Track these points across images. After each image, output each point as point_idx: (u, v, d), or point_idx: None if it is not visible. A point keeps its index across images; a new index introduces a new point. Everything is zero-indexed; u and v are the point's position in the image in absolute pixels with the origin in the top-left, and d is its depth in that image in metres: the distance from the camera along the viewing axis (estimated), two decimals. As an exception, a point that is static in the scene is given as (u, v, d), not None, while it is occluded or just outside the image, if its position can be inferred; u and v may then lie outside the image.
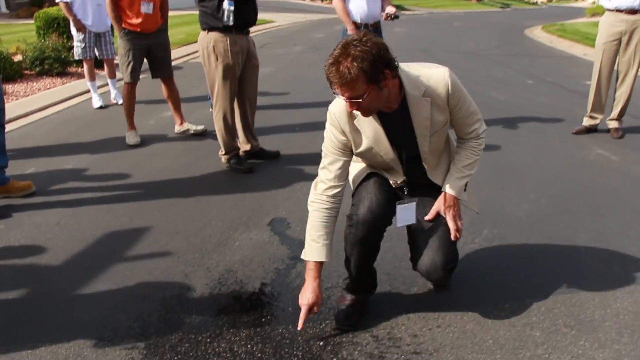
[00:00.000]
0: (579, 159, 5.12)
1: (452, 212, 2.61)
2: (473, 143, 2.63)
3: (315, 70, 9.37)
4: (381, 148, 2.54)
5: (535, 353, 2.52)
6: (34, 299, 2.93)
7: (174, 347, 2.56)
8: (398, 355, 2.51)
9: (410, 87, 2.41)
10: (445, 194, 2.62)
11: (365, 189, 2.64)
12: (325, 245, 2.56)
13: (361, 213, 2.55)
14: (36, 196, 4.22)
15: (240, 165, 4.81)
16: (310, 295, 2.53)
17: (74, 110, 6.85)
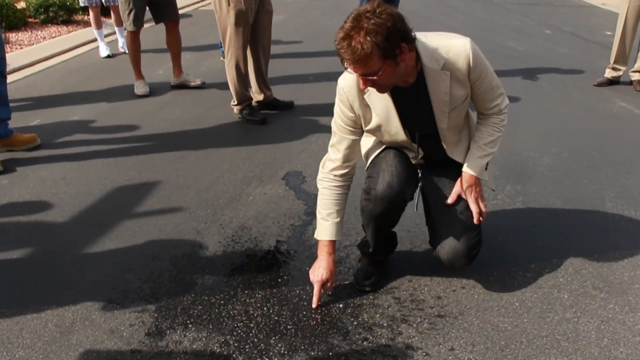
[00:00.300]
0: (601, 112, 4.86)
1: (474, 194, 2.39)
2: (495, 119, 2.41)
3: (329, 17, 9.04)
4: (391, 127, 2.32)
5: (564, 317, 2.36)
6: (39, 258, 2.79)
7: (186, 309, 2.42)
8: (421, 319, 2.35)
9: (428, 59, 2.17)
10: (466, 175, 2.40)
11: (384, 161, 2.42)
12: (335, 224, 2.41)
13: (380, 189, 2.33)
14: (41, 149, 4.05)
15: (253, 116, 4.61)
16: (323, 271, 2.39)
17: (80, 60, 6.62)
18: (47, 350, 2.19)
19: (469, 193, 2.38)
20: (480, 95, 2.32)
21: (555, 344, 2.20)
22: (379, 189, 2.32)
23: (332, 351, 2.18)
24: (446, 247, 2.41)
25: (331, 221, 2.39)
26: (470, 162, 2.40)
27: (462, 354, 2.16)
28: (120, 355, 2.16)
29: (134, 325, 2.32)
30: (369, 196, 2.36)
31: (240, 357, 2.15)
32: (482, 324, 2.31)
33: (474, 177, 2.38)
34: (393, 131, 2.32)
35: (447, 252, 2.41)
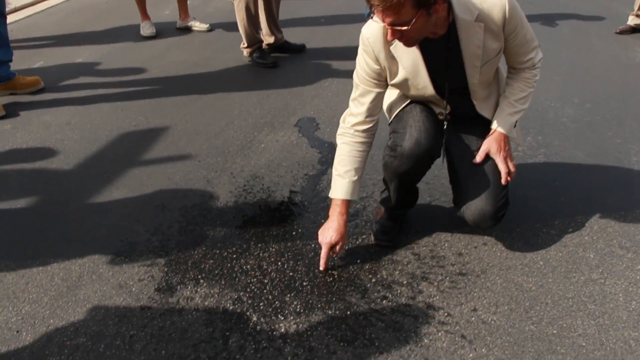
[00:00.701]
0: (624, 61, 4.63)
1: (502, 153, 2.23)
2: (527, 74, 2.24)
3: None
4: (419, 81, 2.15)
5: (590, 277, 2.26)
6: (43, 208, 2.70)
7: (197, 263, 2.33)
8: (442, 277, 2.26)
9: (461, 10, 1.98)
10: (495, 133, 2.25)
11: (411, 116, 2.25)
12: (352, 182, 2.22)
13: (407, 146, 2.16)
14: (45, 93, 3.90)
15: (264, 60, 4.42)
16: (333, 233, 2.22)
17: None
18: (53, 306, 2.11)
19: (497, 152, 2.23)
20: (514, 49, 2.15)
21: (581, 306, 2.11)
22: (406, 146, 2.16)
23: (350, 310, 2.09)
24: (472, 208, 2.27)
25: (348, 179, 2.21)
26: (500, 119, 2.25)
27: (485, 314, 2.07)
28: (129, 312, 2.08)
29: (143, 280, 2.24)
30: (394, 153, 2.21)
31: (254, 315, 2.07)
32: (506, 283, 2.22)
33: (503, 135, 2.24)
34: (421, 85, 2.16)
35: (472, 213, 2.27)
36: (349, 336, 1.98)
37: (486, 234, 2.49)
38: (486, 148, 2.24)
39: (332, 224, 2.24)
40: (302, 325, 2.02)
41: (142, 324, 2.03)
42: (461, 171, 2.31)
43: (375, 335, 1.98)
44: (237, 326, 2.02)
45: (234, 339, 1.97)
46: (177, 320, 2.05)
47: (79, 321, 2.04)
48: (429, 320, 2.04)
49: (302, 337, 1.98)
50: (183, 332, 2.00)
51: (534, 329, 2.01)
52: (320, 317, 2.06)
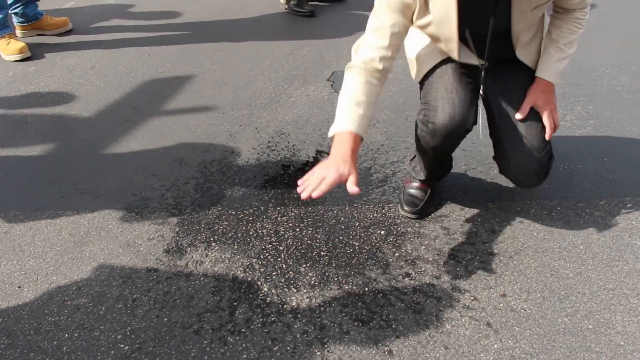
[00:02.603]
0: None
1: (549, 105, 1.99)
2: (579, 13, 1.97)
3: None
4: (443, 30, 1.88)
5: (635, 268, 2.04)
6: (59, 156, 2.60)
7: (210, 224, 2.20)
8: (472, 256, 2.08)
9: None
10: (541, 83, 2.00)
11: (442, 84, 1.99)
12: (361, 116, 1.79)
13: (440, 122, 1.94)
14: (72, 34, 3.78)
15: (301, 8, 4.20)
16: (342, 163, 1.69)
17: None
18: (58, 262, 2.02)
19: (544, 104, 1.99)
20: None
21: (622, 300, 1.91)
22: (439, 122, 1.94)
23: (368, 286, 1.94)
24: (514, 166, 2.04)
25: (356, 113, 1.79)
26: (548, 67, 2.00)
27: (515, 302, 1.89)
28: (134, 274, 1.98)
29: (152, 239, 2.12)
30: (426, 129, 1.99)
31: (265, 285, 1.94)
32: (540, 268, 2.03)
33: (551, 85, 2.00)
34: (446, 34, 1.89)
35: (515, 170, 2.05)
36: (364, 315, 1.83)
37: (523, 210, 2.29)
38: (532, 100, 1.99)
39: (338, 155, 1.72)
40: (315, 300, 1.89)
41: (147, 288, 1.92)
42: (501, 125, 2.06)
43: (393, 316, 1.83)
44: (245, 296, 1.90)
45: (241, 310, 1.85)
46: (183, 285, 1.93)
47: (82, 280, 1.95)
48: (453, 304, 1.88)
49: (314, 313, 1.84)
50: (188, 299, 1.88)
51: (567, 322, 1.83)
52: (336, 292, 1.92)
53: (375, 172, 2.52)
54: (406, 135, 2.75)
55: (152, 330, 1.79)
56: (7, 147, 2.64)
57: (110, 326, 1.80)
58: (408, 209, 2.26)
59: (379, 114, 2.93)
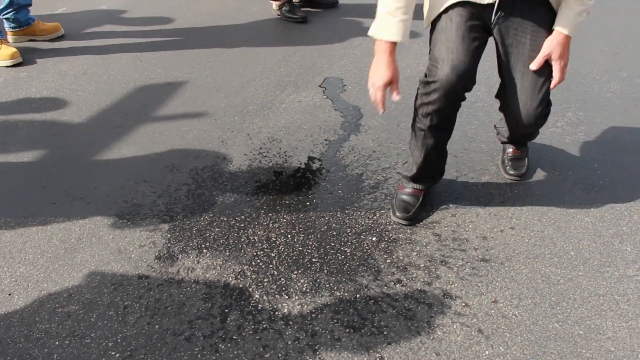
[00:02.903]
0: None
1: (563, 61, 2.03)
2: None
3: None
4: None
5: (625, 273, 2.06)
6: (50, 162, 2.59)
7: (202, 231, 2.20)
8: (463, 262, 2.09)
9: None
10: (559, 36, 2.00)
11: (445, 43, 2.00)
12: (403, 21, 1.92)
13: (442, 77, 1.96)
14: (64, 40, 3.77)
15: (293, 14, 4.21)
16: (386, 71, 1.96)
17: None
18: (49, 269, 2.01)
19: (559, 58, 2.02)
20: None
21: (613, 306, 1.92)
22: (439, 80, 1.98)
23: (360, 292, 1.94)
24: (515, 103, 2.10)
25: (399, 18, 1.91)
26: (567, 20, 2.00)
27: (506, 308, 1.90)
28: (126, 280, 1.97)
29: (143, 246, 2.12)
30: (427, 89, 2.04)
31: (257, 292, 1.94)
32: (532, 274, 2.04)
33: (568, 38, 2.01)
34: None
35: (514, 108, 2.11)
36: (356, 322, 1.84)
37: (514, 217, 2.30)
38: (548, 53, 2.01)
39: (381, 62, 1.98)
40: (306, 307, 1.89)
41: (138, 295, 1.92)
42: (508, 64, 2.10)
43: (384, 323, 1.84)
44: (237, 303, 1.89)
45: (232, 317, 1.84)
46: (174, 292, 1.93)
47: (73, 287, 1.94)
48: (445, 310, 1.88)
49: (306, 320, 1.84)
50: (180, 306, 1.88)
51: (558, 328, 1.84)
52: (327, 299, 1.92)
53: (366, 178, 2.52)
54: (398, 141, 2.76)
55: (144, 338, 1.78)
56: (-3, 153, 2.64)
57: (101, 333, 1.79)
58: (400, 214, 2.26)
59: (370, 120, 2.94)
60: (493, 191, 2.45)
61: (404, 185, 2.36)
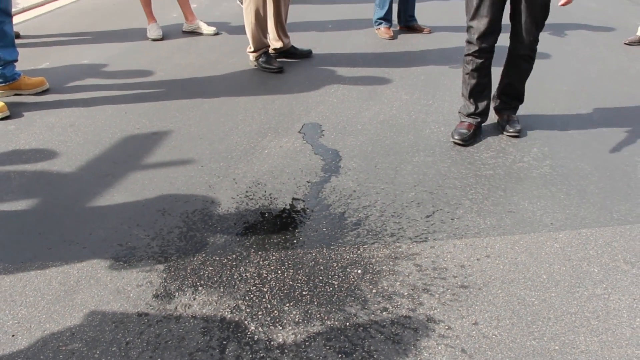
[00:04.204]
0: (633, 73, 4.60)
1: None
2: None
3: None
4: None
5: (594, 292, 2.23)
6: (44, 209, 2.68)
7: (196, 270, 2.31)
8: (444, 289, 2.23)
9: None
10: None
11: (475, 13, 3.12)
12: None
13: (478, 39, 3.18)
14: (50, 94, 3.90)
15: (270, 64, 4.41)
16: None
17: (92, 1, 6.39)
18: (50, 310, 2.09)
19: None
20: None
21: (584, 322, 2.08)
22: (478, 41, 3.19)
23: (349, 321, 2.06)
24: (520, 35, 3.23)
25: None
26: None
27: (486, 329, 2.04)
28: (126, 318, 2.06)
29: (141, 285, 2.22)
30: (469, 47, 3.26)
31: (252, 324, 2.04)
32: (508, 297, 2.19)
33: None
34: None
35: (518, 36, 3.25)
36: (347, 348, 1.95)
37: (489, 246, 2.46)
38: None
39: None
40: (300, 336, 2.00)
41: (139, 331, 2.01)
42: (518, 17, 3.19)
43: (374, 347, 1.96)
44: (234, 335, 2.00)
45: (230, 348, 1.94)
46: (174, 327, 2.03)
47: (75, 326, 2.02)
48: (429, 334, 2.01)
49: (300, 348, 1.95)
50: (180, 340, 1.97)
51: (535, 345, 1.98)
52: (319, 328, 2.03)
53: (349, 216, 2.66)
54: (376, 181, 2.92)
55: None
56: (-8, 203, 2.73)
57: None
58: (458, 137, 3.32)
59: (349, 162, 3.10)
60: (468, 223, 2.61)
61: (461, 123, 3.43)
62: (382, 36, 5.23)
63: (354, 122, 3.56)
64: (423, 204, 2.73)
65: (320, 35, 5.26)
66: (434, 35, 5.34)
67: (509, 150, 3.26)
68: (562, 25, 5.81)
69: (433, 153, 3.14)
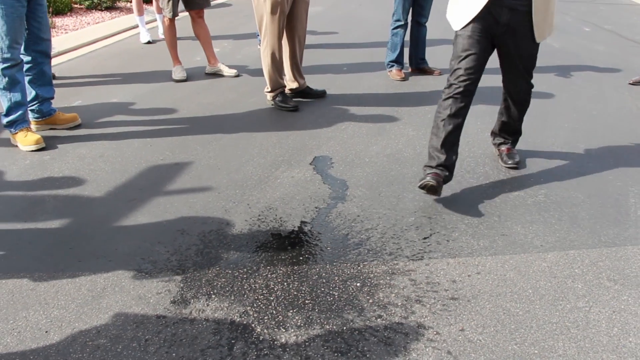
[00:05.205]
0: (634, 111, 4.82)
1: None
2: None
3: (366, 10, 9.08)
4: None
5: (576, 305, 2.41)
6: (75, 228, 2.95)
7: (210, 281, 2.54)
8: (435, 300, 2.43)
9: None
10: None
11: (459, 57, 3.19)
12: None
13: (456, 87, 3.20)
14: (81, 128, 4.23)
15: (286, 103, 4.71)
16: None
17: (121, 45, 6.83)
18: (79, 312, 2.33)
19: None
20: None
21: (564, 330, 2.26)
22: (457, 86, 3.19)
23: (346, 326, 2.27)
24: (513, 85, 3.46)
25: None
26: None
27: (472, 334, 2.23)
28: (146, 320, 2.29)
29: (160, 293, 2.45)
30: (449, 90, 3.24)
31: (258, 326, 2.26)
32: (494, 308, 2.38)
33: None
34: None
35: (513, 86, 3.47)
36: (343, 348, 2.15)
37: (480, 264, 2.66)
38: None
39: None
40: (301, 337, 2.21)
41: (157, 330, 2.23)
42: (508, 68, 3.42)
43: (367, 348, 2.16)
44: (242, 335, 2.21)
45: (238, 346, 2.16)
46: (188, 328, 2.25)
47: (101, 325, 2.26)
48: (419, 337, 2.21)
49: (300, 347, 2.16)
50: (193, 338, 2.20)
51: (516, 349, 2.16)
52: (318, 331, 2.24)
53: (351, 237, 2.89)
54: (379, 207, 3.15)
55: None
56: (28, 222, 3.00)
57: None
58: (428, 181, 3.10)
59: (355, 191, 3.34)
60: (462, 244, 2.82)
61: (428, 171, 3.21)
62: (394, 78, 5.52)
63: (362, 156, 3.81)
64: (421, 227, 2.95)
65: (335, 77, 5.57)
66: (444, 77, 5.60)
67: (507, 180, 3.48)
68: (569, 67, 6.07)
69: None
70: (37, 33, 3.90)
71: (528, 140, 3.96)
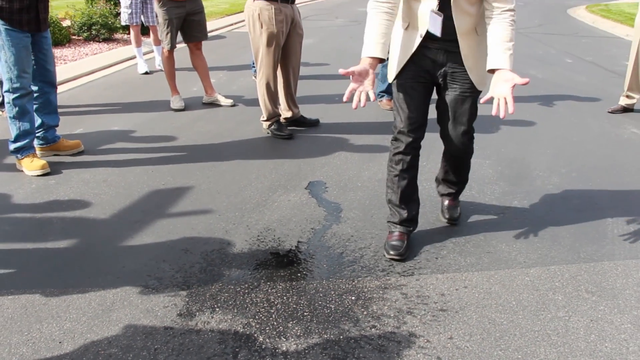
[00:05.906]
0: (613, 137, 5.06)
1: (512, 91, 2.50)
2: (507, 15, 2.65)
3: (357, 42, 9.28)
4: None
5: (556, 315, 2.58)
6: (83, 248, 3.10)
7: (214, 296, 2.69)
8: (425, 312, 2.59)
9: None
10: (503, 72, 2.57)
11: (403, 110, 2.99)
12: (382, 44, 2.68)
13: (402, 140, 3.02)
14: (85, 155, 4.40)
15: (281, 132, 4.91)
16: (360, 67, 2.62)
17: (120, 75, 7.05)
18: (90, 324, 2.48)
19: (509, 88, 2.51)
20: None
21: (545, 337, 2.43)
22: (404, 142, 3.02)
23: (342, 335, 2.43)
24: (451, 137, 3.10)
25: (380, 42, 2.67)
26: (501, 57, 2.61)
27: (460, 342, 2.39)
28: (154, 331, 2.44)
29: (167, 306, 2.60)
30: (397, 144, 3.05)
31: (260, 336, 2.41)
32: (481, 319, 2.55)
33: (508, 72, 2.56)
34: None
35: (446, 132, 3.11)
36: (340, 355, 2.31)
37: (467, 279, 2.84)
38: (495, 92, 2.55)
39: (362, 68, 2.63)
40: (300, 346, 2.36)
41: (165, 340, 2.38)
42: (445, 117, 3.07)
43: (362, 354, 2.31)
44: (245, 344, 2.36)
45: (242, 354, 2.31)
46: (195, 338, 2.40)
47: (112, 336, 2.40)
48: (410, 345, 2.37)
49: (300, 354, 2.31)
50: (199, 347, 2.34)
51: (501, 354, 2.32)
52: (317, 340, 2.40)
53: (346, 255, 3.06)
54: (372, 228, 3.33)
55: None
56: (37, 242, 3.15)
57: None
58: (392, 253, 3.02)
59: (349, 213, 3.52)
60: (450, 261, 3.00)
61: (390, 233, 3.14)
62: (384, 107, 5.75)
63: (355, 180, 4.00)
64: (411, 247, 3.12)
65: (327, 107, 5.79)
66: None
67: (492, 204, 3.67)
68: (552, 97, 6.33)
69: (423, 205, 3.54)
70: (44, 64, 4.09)
71: (512, 166, 4.17)
